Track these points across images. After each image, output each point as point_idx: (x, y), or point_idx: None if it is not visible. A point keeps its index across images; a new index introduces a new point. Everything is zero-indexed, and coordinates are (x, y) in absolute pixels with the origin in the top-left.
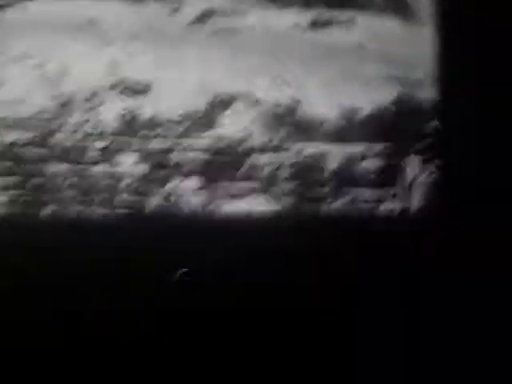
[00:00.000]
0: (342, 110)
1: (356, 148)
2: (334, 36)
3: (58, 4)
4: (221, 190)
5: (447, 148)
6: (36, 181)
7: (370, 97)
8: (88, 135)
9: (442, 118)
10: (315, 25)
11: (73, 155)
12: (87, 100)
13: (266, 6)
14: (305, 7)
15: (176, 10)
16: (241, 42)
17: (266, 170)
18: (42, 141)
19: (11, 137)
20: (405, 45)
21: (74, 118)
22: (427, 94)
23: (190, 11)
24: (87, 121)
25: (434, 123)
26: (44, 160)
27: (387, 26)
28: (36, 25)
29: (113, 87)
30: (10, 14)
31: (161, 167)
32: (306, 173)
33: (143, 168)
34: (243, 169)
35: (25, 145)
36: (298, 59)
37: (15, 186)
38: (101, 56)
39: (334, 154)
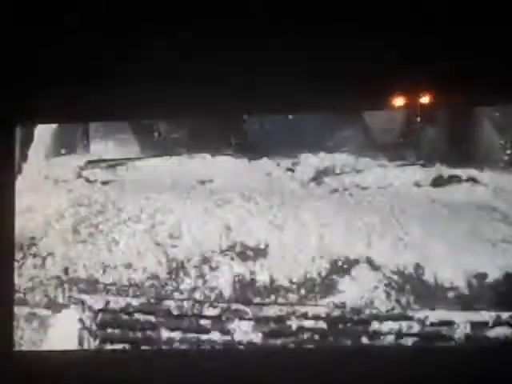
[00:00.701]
0: (468, 276)
1: (484, 316)
2: (457, 195)
3: (169, 163)
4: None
5: None
6: (146, 349)
7: (497, 261)
8: (200, 302)
9: None
10: (436, 183)
11: (184, 323)
12: (199, 265)
13: (385, 164)
14: (425, 165)
15: (291, 169)
16: (359, 202)
17: (389, 339)
18: (152, 307)
19: (121, 303)
20: None
21: (186, 284)
22: None
23: (306, 169)
24: (199, 287)
25: None
26: (154, 327)
27: None
28: (146, 185)
29: (226, 252)
30: (121, 172)
31: (277, 336)
32: (431, 342)
33: (258, 337)
34: (363, 338)
35: (135, 311)
36: (419, 220)
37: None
38: (213, 218)
39: (461, 323)
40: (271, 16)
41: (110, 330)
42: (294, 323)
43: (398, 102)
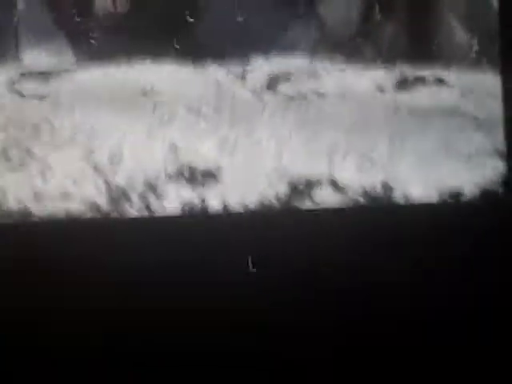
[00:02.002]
0: (441, 195)
1: None
2: (424, 99)
3: (108, 72)
4: None
5: None
6: None
7: (472, 176)
8: None
9: None
10: (401, 86)
11: None
12: (143, 193)
13: (343, 67)
14: (387, 66)
15: (242, 77)
16: (317, 113)
17: None
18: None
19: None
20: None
21: (129, 214)
22: None
23: (257, 77)
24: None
25: None
26: None
27: (483, 81)
28: (82, 99)
29: (172, 177)
30: (55, 84)
31: None
32: None
33: None
34: None
35: None
36: (384, 132)
37: None
38: (157, 138)
39: None
40: None
41: None
42: None
43: None
